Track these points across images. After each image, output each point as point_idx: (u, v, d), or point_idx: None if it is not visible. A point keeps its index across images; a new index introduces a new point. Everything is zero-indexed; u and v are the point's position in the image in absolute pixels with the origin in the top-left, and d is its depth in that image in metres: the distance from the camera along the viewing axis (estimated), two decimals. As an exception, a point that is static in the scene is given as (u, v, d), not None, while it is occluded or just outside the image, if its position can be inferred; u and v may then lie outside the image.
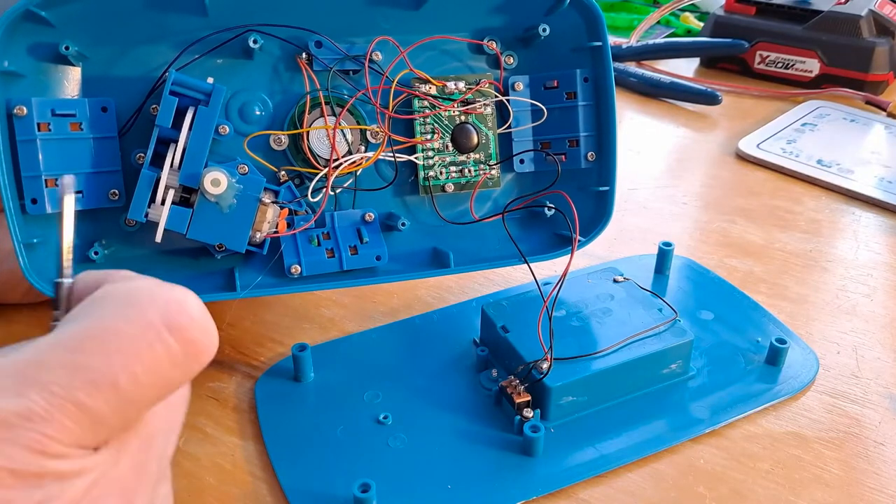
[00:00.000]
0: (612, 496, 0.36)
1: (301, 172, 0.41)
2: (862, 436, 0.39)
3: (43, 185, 0.37)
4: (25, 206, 0.37)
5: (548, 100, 0.44)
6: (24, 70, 0.37)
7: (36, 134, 0.36)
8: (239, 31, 0.39)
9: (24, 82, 0.37)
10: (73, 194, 0.25)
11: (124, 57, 0.39)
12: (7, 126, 0.36)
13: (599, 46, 0.42)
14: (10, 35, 0.35)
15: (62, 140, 0.37)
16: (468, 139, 0.43)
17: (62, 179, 0.25)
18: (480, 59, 0.44)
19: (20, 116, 0.36)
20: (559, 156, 0.44)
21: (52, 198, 0.37)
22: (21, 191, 0.37)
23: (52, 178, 0.37)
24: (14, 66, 0.36)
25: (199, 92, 0.37)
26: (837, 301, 0.49)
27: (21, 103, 0.36)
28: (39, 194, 0.37)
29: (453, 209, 0.45)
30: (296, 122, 0.41)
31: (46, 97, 0.37)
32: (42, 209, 0.37)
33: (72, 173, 0.38)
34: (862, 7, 0.76)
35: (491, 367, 0.41)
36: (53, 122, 0.37)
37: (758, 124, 0.70)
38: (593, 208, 0.44)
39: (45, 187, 0.37)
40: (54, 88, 0.38)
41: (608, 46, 0.42)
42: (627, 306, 0.42)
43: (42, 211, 0.37)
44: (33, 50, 0.37)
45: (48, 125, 0.37)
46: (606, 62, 0.42)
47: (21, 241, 0.36)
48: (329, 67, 0.41)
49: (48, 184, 0.37)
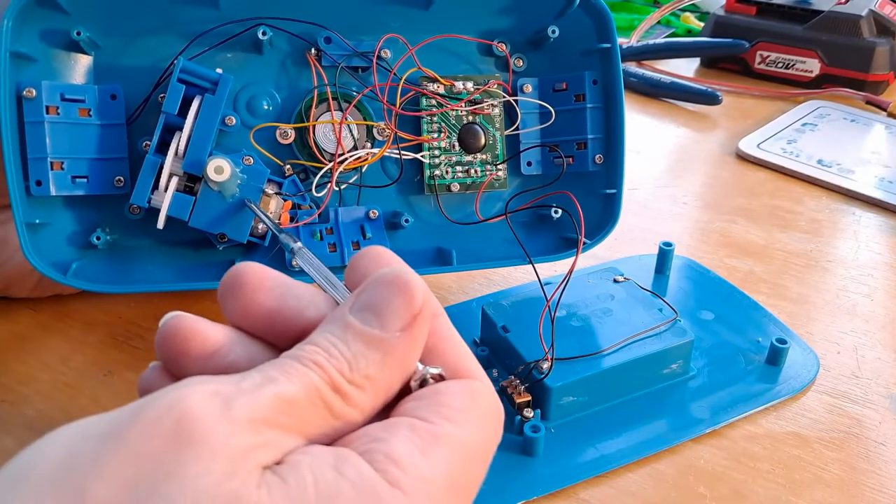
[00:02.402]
0: (612, 496, 0.36)
1: (306, 167, 0.41)
2: (862, 436, 0.39)
3: (48, 168, 0.37)
4: (30, 188, 0.37)
5: (556, 102, 0.44)
6: (36, 54, 0.37)
7: (44, 117, 0.37)
8: (249, 24, 0.39)
9: (36, 66, 0.37)
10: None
11: (135, 46, 0.40)
12: (16, 108, 0.36)
13: (609, 49, 0.42)
14: (24, 19, 0.36)
15: (70, 124, 0.38)
16: (476, 139, 0.43)
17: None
18: (489, 60, 0.44)
19: (29, 98, 0.36)
20: (567, 158, 0.44)
21: (56, 181, 0.37)
22: (27, 172, 0.37)
23: (58, 161, 0.38)
24: (26, 49, 0.37)
25: (207, 80, 0.38)
26: (838, 301, 0.49)
27: (31, 86, 0.36)
28: (44, 176, 0.37)
29: (458, 209, 0.45)
30: (303, 116, 0.41)
31: (56, 82, 0.38)
32: (46, 191, 0.37)
33: (78, 157, 0.38)
34: (862, 7, 0.76)
35: (491, 367, 0.41)
36: (62, 107, 0.37)
37: (758, 124, 0.70)
38: (601, 211, 0.44)
39: (51, 170, 0.37)
40: (65, 74, 0.39)
41: (617, 49, 0.42)
42: (628, 306, 0.42)
43: (46, 193, 0.37)
44: (46, 35, 0.37)
45: (57, 109, 0.37)
46: (616, 64, 0.42)
47: (24, 222, 0.36)
48: (337, 63, 0.41)
49: (54, 167, 0.37)
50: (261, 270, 0.22)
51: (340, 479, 0.18)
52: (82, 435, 0.17)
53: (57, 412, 0.39)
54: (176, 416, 0.17)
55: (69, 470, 0.16)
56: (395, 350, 0.20)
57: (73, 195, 0.39)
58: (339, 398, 0.20)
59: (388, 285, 0.21)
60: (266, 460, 0.18)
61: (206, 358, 0.21)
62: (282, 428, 0.18)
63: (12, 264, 0.42)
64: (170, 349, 0.21)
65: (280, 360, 0.20)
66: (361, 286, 0.21)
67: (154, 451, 0.17)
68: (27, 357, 0.42)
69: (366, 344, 0.20)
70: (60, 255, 0.39)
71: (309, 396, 0.19)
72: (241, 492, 0.17)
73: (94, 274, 0.39)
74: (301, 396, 0.19)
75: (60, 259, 0.39)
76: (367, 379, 0.20)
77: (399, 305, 0.21)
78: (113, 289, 0.39)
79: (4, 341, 0.43)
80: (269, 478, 0.17)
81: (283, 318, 0.22)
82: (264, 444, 0.18)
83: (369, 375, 0.20)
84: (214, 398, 0.18)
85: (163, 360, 0.22)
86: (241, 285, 0.22)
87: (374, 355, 0.20)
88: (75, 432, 0.17)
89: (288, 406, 0.19)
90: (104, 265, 0.40)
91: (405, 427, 0.20)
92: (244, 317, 0.22)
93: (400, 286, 0.21)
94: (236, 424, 0.17)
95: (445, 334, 0.23)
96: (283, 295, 0.22)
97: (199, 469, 0.17)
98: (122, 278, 0.40)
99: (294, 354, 0.20)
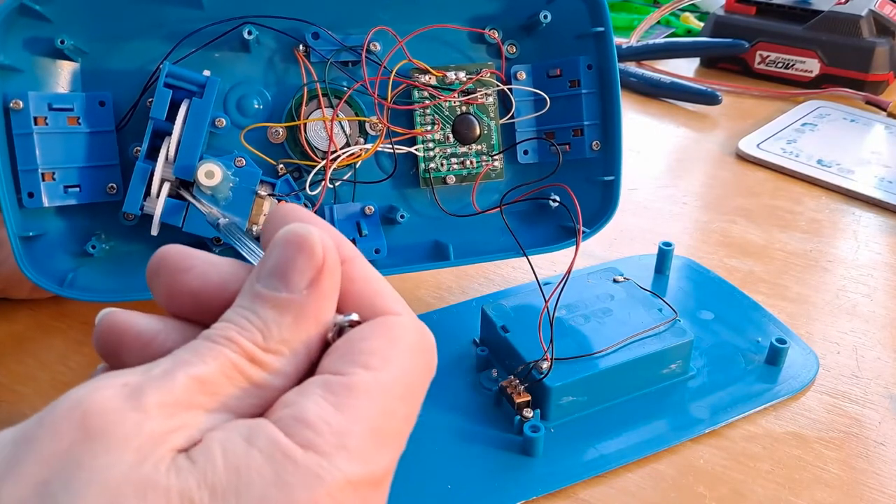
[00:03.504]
0: (612, 496, 0.36)
1: (299, 165, 0.41)
2: (862, 436, 0.39)
3: (40, 179, 0.37)
4: (22, 200, 0.37)
5: (551, 89, 0.43)
6: (21, 65, 0.37)
7: (32, 128, 0.37)
8: (235, 24, 0.39)
9: (21, 77, 0.37)
10: None
11: (121, 51, 0.39)
12: (4, 120, 0.36)
13: (602, 32, 0.42)
14: (6, 29, 0.36)
15: (59, 134, 0.37)
16: (470, 130, 0.43)
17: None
18: (481, 48, 0.44)
19: (17, 110, 0.36)
20: (563, 146, 0.44)
21: (48, 191, 0.37)
22: (18, 184, 0.37)
23: (49, 172, 0.37)
24: (10, 61, 0.36)
25: (194, 84, 0.37)
26: (837, 301, 0.49)
27: (18, 97, 0.36)
28: (36, 188, 0.37)
29: (455, 201, 0.44)
30: (293, 114, 0.41)
31: (43, 91, 0.38)
32: (39, 202, 0.37)
33: (69, 167, 0.38)
34: (862, 7, 0.76)
35: (491, 367, 0.41)
36: (50, 116, 0.37)
37: (758, 124, 0.70)
38: (599, 199, 0.44)
39: (42, 181, 0.37)
40: (51, 83, 0.38)
41: (611, 32, 0.42)
42: (627, 306, 0.42)
43: (39, 204, 0.37)
44: (29, 44, 0.37)
45: (45, 119, 0.37)
46: (610, 49, 0.42)
47: (17, 234, 0.36)
48: (326, 59, 0.41)
49: (45, 178, 0.37)
50: (179, 251, 0.22)
51: (250, 449, 0.18)
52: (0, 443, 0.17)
53: (56, 412, 0.39)
54: (81, 412, 0.17)
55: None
56: (305, 308, 0.20)
57: (66, 205, 0.38)
58: (257, 368, 0.20)
59: (287, 245, 0.20)
60: (182, 443, 0.18)
61: (143, 349, 0.21)
62: (201, 407, 0.18)
63: (10, 265, 0.42)
64: (106, 345, 0.21)
65: (193, 342, 0.20)
66: (266, 252, 0.21)
67: (62, 448, 0.17)
68: (26, 357, 0.42)
69: (275, 309, 0.20)
70: (56, 265, 0.39)
71: (225, 372, 0.19)
72: (153, 477, 0.17)
73: (91, 283, 0.39)
74: (216, 374, 0.19)
75: (56, 269, 0.39)
76: (282, 343, 0.20)
77: (301, 263, 0.20)
78: (110, 298, 0.39)
79: (3, 342, 0.43)
80: (179, 461, 0.17)
81: (209, 295, 0.22)
82: (180, 427, 0.18)
83: (284, 339, 0.20)
84: (122, 389, 0.18)
85: (105, 359, 0.22)
86: (162, 268, 0.22)
87: (286, 318, 0.20)
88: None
89: (203, 385, 0.18)
90: (101, 273, 0.40)
91: (317, 385, 0.19)
92: (171, 300, 0.22)
93: (299, 243, 0.20)
94: (145, 412, 0.17)
95: (359, 276, 0.22)
96: (205, 273, 0.22)
97: (108, 460, 0.17)
98: (120, 286, 0.39)
99: (207, 334, 0.20)
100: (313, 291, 0.20)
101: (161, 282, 0.22)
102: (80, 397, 0.18)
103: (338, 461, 0.18)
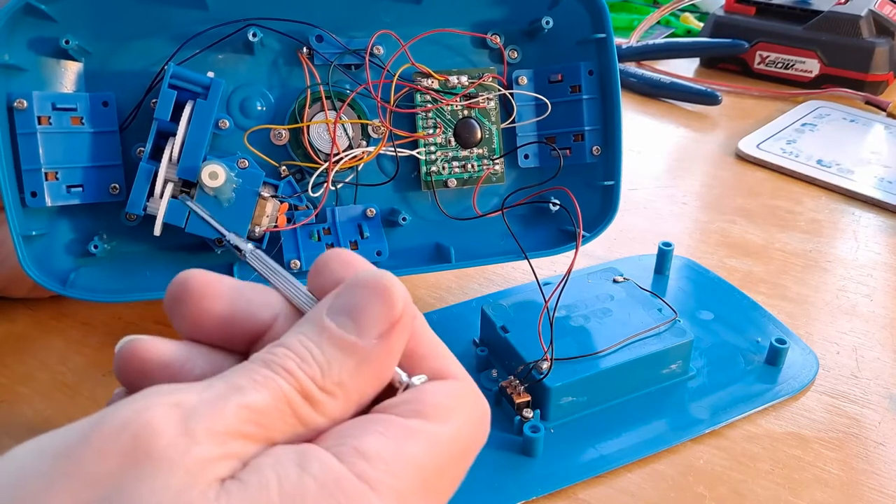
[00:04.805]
0: (612, 496, 0.36)
1: (302, 167, 0.41)
2: (862, 436, 0.39)
3: (42, 179, 0.37)
4: (25, 199, 0.37)
5: (552, 94, 0.44)
6: (26, 64, 0.37)
7: (36, 127, 0.37)
8: (239, 25, 0.39)
9: (26, 76, 0.37)
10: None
11: (125, 52, 0.39)
12: (8, 119, 0.36)
13: (604, 38, 0.42)
14: (12, 29, 0.36)
15: (63, 134, 0.38)
16: (472, 134, 0.43)
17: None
18: (483, 53, 0.44)
19: (21, 110, 0.36)
20: (564, 150, 0.44)
21: (51, 191, 0.37)
22: (21, 184, 0.37)
23: (52, 171, 0.37)
24: (15, 60, 0.36)
25: (198, 85, 0.38)
26: (837, 301, 0.49)
27: (22, 97, 0.36)
28: (39, 187, 0.37)
29: (456, 204, 0.44)
30: (296, 116, 0.41)
31: (47, 91, 0.38)
32: (41, 202, 0.37)
33: (72, 167, 0.38)
34: (862, 7, 0.76)
35: (491, 367, 0.41)
36: (54, 116, 0.37)
37: (758, 124, 0.70)
38: (599, 203, 0.44)
39: (45, 180, 0.37)
40: (55, 83, 0.38)
41: (612, 38, 0.42)
42: (627, 306, 0.42)
43: (41, 204, 0.37)
44: (34, 44, 0.37)
45: (49, 119, 0.37)
46: (611, 55, 0.42)
47: (20, 234, 0.36)
48: (330, 62, 0.41)
49: (48, 177, 0.37)
50: (205, 276, 0.21)
51: (304, 475, 0.17)
52: (37, 453, 0.17)
53: (56, 412, 0.39)
54: (132, 432, 0.17)
55: (20, 491, 0.16)
56: (370, 358, 0.20)
57: (68, 204, 0.38)
58: (308, 406, 0.19)
59: (367, 289, 0.20)
60: (226, 472, 0.17)
61: (170, 379, 0.20)
62: (249, 438, 0.18)
63: (10, 264, 0.42)
64: (129, 375, 0.21)
65: (248, 364, 0.19)
66: (339, 287, 0.21)
67: (108, 469, 0.16)
68: (26, 357, 0.42)
69: (340, 349, 0.19)
70: (58, 264, 0.39)
71: (278, 405, 0.18)
72: (200, 502, 0.16)
73: (93, 282, 0.39)
74: (269, 406, 0.18)
75: (59, 269, 0.39)
76: (338, 386, 0.19)
77: (378, 311, 0.20)
78: (112, 298, 0.39)
79: (3, 341, 0.43)
80: (228, 485, 0.17)
81: (237, 322, 0.21)
82: (226, 455, 0.17)
83: (341, 382, 0.19)
84: (175, 411, 0.17)
85: (125, 386, 0.21)
86: (187, 295, 0.21)
87: (349, 362, 0.19)
88: (31, 450, 0.17)
89: (253, 415, 0.18)
90: (102, 273, 0.40)
91: (378, 423, 0.19)
92: (196, 327, 0.21)
93: (380, 291, 0.20)
94: (197, 438, 0.17)
95: (425, 338, 0.22)
96: (232, 299, 0.21)
97: (155, 485, 0.16)
98: (121, 286, 0.40)
99: (264, 359, 0.19)
100: (383, 343, 0.20)
101: (185, 309, 0.21)
102: (128, 418, 0.17)
103: (386, 498, 0.18)
